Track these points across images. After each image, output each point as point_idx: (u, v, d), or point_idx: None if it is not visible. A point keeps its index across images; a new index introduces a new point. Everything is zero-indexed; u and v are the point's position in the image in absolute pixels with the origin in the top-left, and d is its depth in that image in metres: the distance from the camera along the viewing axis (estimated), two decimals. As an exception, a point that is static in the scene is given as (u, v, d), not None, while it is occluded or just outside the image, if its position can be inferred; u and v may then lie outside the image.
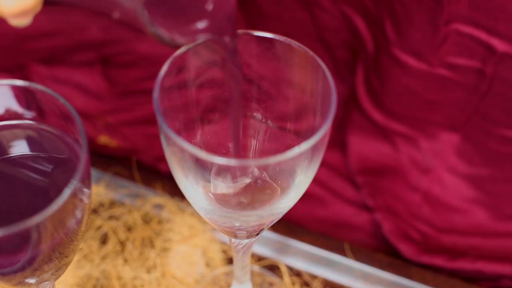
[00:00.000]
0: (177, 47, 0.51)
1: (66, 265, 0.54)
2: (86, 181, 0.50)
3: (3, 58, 0.84)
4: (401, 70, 0.73)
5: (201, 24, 0.50)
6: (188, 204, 0.78)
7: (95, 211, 0.78)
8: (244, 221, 0.55)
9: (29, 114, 0.54)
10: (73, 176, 0.47)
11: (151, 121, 0.84)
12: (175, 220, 0.77)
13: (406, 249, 0.78)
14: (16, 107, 0.54)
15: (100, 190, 0.79)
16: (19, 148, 0.54)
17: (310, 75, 0.54)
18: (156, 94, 0.51)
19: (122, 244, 0.76)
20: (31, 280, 0.52)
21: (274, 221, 0.56)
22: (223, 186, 0.53)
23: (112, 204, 0.79)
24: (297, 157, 0.49)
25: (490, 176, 0.77)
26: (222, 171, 0.52)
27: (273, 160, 0.49)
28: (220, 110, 0.59)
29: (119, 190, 0.80)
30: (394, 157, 0.81)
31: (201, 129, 0.58)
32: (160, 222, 0.77)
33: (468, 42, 0.68)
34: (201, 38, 0.51)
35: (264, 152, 0.59)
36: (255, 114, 0.59)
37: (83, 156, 0.48)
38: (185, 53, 0.54)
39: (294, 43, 0.54)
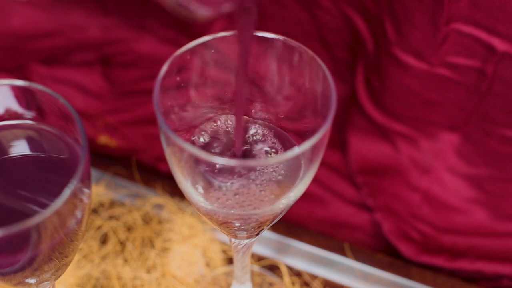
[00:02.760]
0: (194, 19, 0.48)
1: (66, 265, 0.54)
2: (86, 181, 0.50)
3: (3, 58, 0.84)
4: (401, 70, 0.73)
5: None
6: (188, 204, 0.78)
7: (95, 211, 0.78)
8: (244, 221, 0.55)
9: (29, 114, 0.54)
10: (73, 176, 0.47)
11: (151, 121, 0.84)
12: (175, 220, 0.77)
13: (406, 249, 0.78)
14: (16, 107, 0.54)
15: (100, 190, 0.79)
16: (19, 148, 0.54)
17: (310, 75, 0.54)
18: (156, 94, 0.51)
19: (122, 244, 0.76)
20: (31, 280, 0.52)
21: (274, 221, 0.56)
22: (223, 186, 0.53)
23: (112, 204, 0.79)
24: (297, 157, 0.49)
25: (490, 176, 0.77)
26: (222, 171, 0.52)
27: (273, 160, 0.49)
28: (220, 110, 0.59)
29: (119, 190, 0.80)
30: (394, 157, 0.81)
31: (201, 129, 0.58)
32: (160, 222, 0.77)
33: (468, 42, 0.68)
34: (222, 9, 0.46)
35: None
36: (255, 114, 0.59)
37: (83, 156, 0.48)
38: (185, 53, 0.54)
39: (294, 43, 0.54)
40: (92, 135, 0.85)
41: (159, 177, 0.81)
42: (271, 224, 0.56)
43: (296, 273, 0.75)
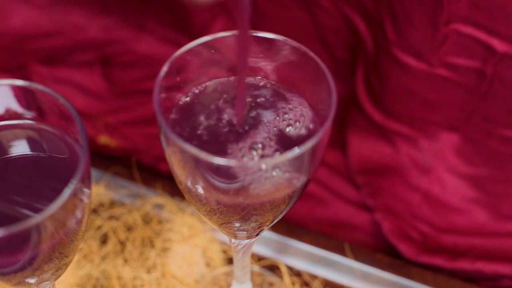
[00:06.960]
0: (194, 3, 0.47)
1: (66, 265, 0.54)
2: (86, 181, 0.50)
3: (3, 58, 0.84)
4: (401, 70, 0.73)
5: None
6: (188, 204, 0.78)
7: (95, 211, 0.78)
8: (244, 221, 0.55)
9: (29, 114, 0.54)
10: (73, 176, 0.47)
11: (151, 121, 0.84)
12: (175, 220, 0.77)
13: (406, 249, 0.78)
14: (16, 107, 0.54)
15: (100, 190, 0.79)
16: (19, 148, 0.54)
17: (310, 75, 0.54)
18: (156, 94, 0.51)
19: (122, 244, 0.76)
20: (31, 280, 0.52)
21: (275, 221, 0.56)
22: (223, 186, 0.53)
23: (112, 204, 0.79)
24: (297, 157, 0.49)
25: (490, 176, 0.77)
26: (222, 171, 0.52)
27: (273, 160, 0.49)
28: (220, 110, 0.59)
29: (119, 190, 0.80)
30: (394, 157, 0.81)
31: (201, 129, 0.58)
32: (160, 222, 0.77)
33: (468, 42, 0.68)
34: None
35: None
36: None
37: (83, 156, 0.48)
38: (185, 53, 0.54)
39: (294, 43, 0.54)
40: (92, 135, 0.85)
41: (159, 177, 0.81)
42: (271, 224, 0.56)
43: (296, 273, 0.75)
